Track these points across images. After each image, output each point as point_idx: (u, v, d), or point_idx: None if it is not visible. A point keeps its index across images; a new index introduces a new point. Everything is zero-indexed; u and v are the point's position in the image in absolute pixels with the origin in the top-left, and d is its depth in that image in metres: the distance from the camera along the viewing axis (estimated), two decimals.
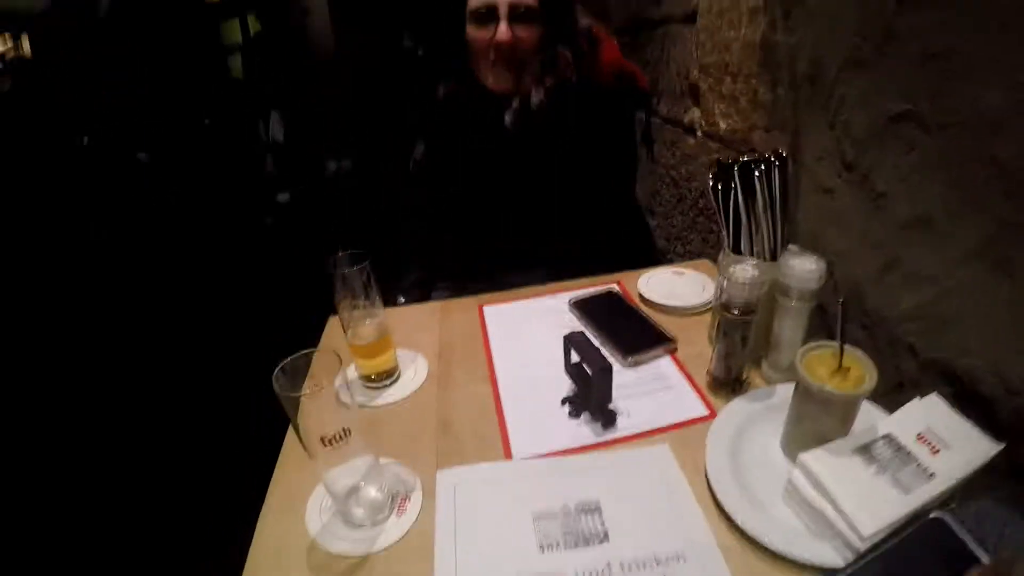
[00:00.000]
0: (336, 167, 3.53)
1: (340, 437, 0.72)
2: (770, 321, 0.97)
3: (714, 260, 1.33)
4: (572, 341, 0.98)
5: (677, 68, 1.66)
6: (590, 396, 0.96)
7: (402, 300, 1.60)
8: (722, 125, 1.46)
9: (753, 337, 0.94)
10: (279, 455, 0.95)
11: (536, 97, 1.43)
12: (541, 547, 0.77)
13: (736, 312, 0.90)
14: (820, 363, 0.79)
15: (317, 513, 0.84)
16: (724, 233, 1.00)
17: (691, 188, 1.71)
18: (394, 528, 0.81)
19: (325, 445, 0.71)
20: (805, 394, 0.79)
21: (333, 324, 1.28)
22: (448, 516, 0.82)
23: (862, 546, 0.67)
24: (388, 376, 1.09)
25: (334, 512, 0.83)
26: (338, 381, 0.72)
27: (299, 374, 0.73)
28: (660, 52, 1.76)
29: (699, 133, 1.60)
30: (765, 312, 0.95)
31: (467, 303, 1.36)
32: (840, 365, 0.77)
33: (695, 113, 1.61)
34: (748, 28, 1.31)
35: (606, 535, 0.78)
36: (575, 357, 0.99)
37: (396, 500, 0.85)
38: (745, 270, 0.90)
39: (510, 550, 0.77)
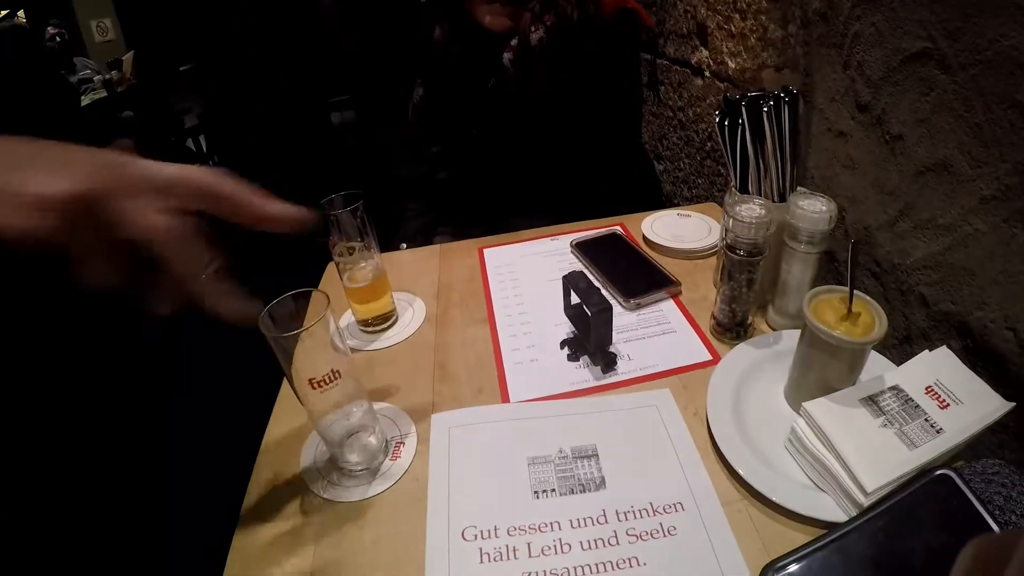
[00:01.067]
0: (339, 119, 3.49)
1: (330, 379, 0.70)
2: (777, 266, 0.94)
3: (721, 203, 1.30)
4: (572, 281, 0.94)
5: (684, 7, 1.60)
6: (589, 338, 0.94)
7: (403, 246, 1.57)
8: (730, 65, 1.41)
9: (759, 281, 0.91)
10: (274, 405, 0.94)
11: (535, 35, 1.38)
12: (536, 493, 0.75)
13: (742, 253, 0.87)
14: (828, 308, 0.76)
15: (311, 460, 0.83)
16: (731, 172, 0.97)
17: (698, 130, 1.66)
18: (388, 474, 0.80)
19: (314, 388, 0.69)
20: (812, 340, 0.76)
21: (331, 270, 1.25)
22: (442, 460, 0.81)
23: (865, 501, 0.65)
24: (385, 320, 1.07)
25: (328, 458, 0.82)
26: (331, 324, 0.70)
27: (291, 317, 0.71)
28: None
29: (707, 73, 1.55)
30: (772, 256, 0.92)
31: (467, 246, 1.34)
32: (849, 311, 0.74)
33: (702, 53, 1.55)
34: None
35: (602, 481, 0.76)
36: (575, 298, 0.96)
37: (391, 445, 0.84)
38: (752, 209, 0.86)
39: (504, 495, 0.76)
